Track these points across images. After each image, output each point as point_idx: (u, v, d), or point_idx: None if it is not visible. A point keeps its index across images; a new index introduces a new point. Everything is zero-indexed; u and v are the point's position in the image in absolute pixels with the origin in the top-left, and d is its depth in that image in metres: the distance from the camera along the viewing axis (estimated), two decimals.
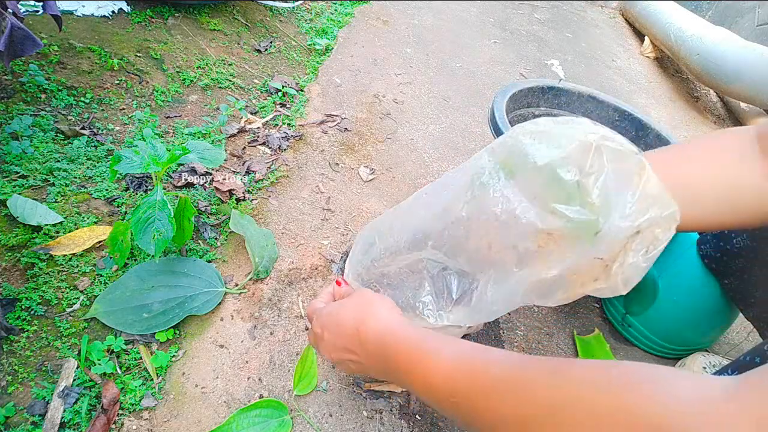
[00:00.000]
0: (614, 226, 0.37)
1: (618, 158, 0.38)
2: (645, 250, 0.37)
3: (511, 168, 0.43)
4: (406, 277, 0.54)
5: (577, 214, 0.39)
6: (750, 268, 0.67)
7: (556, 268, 0.41)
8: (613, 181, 0.38)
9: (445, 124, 1.35)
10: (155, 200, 0.70)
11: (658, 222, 0.36)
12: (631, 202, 0.37)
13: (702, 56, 1.74)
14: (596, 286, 0.39)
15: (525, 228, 0.42)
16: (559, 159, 0.39)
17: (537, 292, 0.43)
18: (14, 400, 0.59)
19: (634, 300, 0.82)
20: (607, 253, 0.38)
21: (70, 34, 1.09)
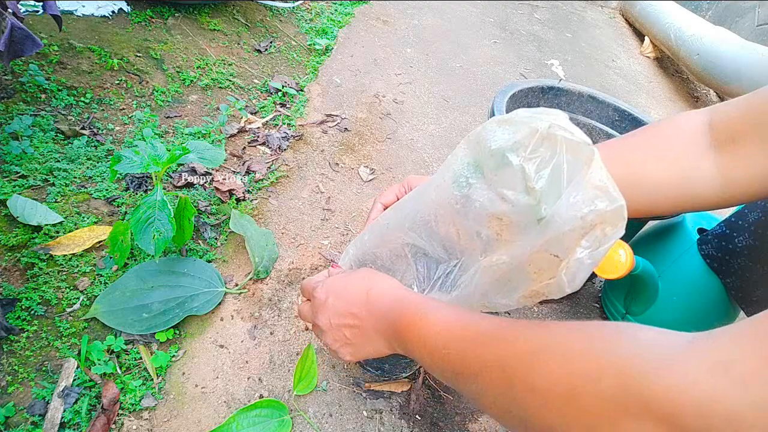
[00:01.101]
0: (558, 214, 0.37)
1: (569, 148, 0.38)
2: (591, 247, 0.37)
3: (476, 154, 0.44)
4: (395, 260, 0.55)
5: (520, 198, 0.39)
6: (752, 267, 0.67)
7: (508, 255, 0.42)
8: (560, 170, 0.38)
9: (445, 124, 1.35)
10: (155, 200, 0.70)
11: (605, 216, 0.36)
12: (576, 191, 0.37)
13: (702, 56, 1.74)
14: (548, 283, 0.40)
15: (478, 212, 0.43)
16: (509, 143, 0.40)
17: (497, 284, 0.44)
18: (14, 400, 0.59)
19: (634, 300, 0.82)
20: (561, 250, 0.38)
21: (70, 34, 1.09)
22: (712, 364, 0.23)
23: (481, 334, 0.36)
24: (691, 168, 0.50)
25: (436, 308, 0.41)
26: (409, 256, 0.53)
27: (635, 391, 0.25)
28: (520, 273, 0.42)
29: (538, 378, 0.30)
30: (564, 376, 0.28)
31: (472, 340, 0.36)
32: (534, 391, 0.30)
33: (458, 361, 0.37)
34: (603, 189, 0.36)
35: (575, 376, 0.28)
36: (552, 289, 0.39)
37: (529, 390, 0.30)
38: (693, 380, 0.23)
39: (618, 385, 0.26)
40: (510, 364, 0.32)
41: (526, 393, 0.30)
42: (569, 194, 0.37)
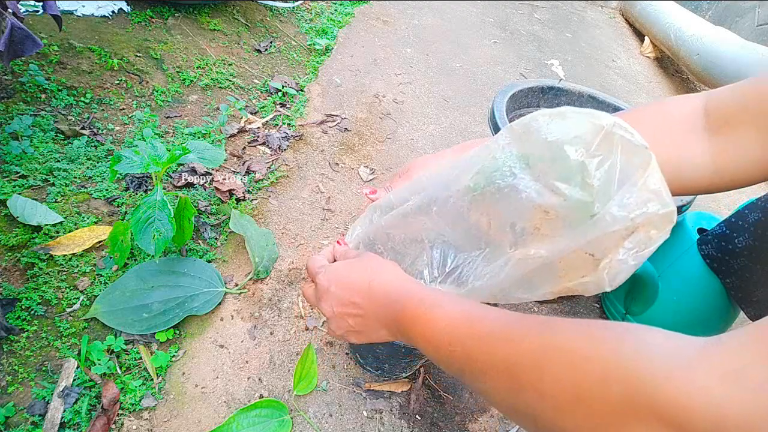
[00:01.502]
0: (609, 213, 0.37)
1: (627, 148, 0.38)
2: (636, 248, 0.37)
3: (524, 145, 0.44)
4: (409, 244, 0.55)
5: (575, 193, 0.39)
6: (752, 268, 0.67)
7: (546, 250, 0.41)
8: (617, 170, 0.38)
9: (445, 124, 1.35)
10: (155, 200, 0.70)
11: (653, 219, 0.36)
12: (630, 193, 0.37)
13: (702, 56, 1.74)
14: (582, 281, 0.39)
15: (523, 203, 0.43)
16: (568, 137, 0.40)
17: (522, 279, 0.44)
18: (14, 400, 0.59)
19: (634, 300, 0.82)
20: (599, 250, 0.38)
21: (70, 34, 1.09)
22: (723, 371, 0.23)
23: (487, 334, 0.36)
24: (685, 149, 0.50)
25: (441, 302, 0.41)
26: (426, 241, 0.53)
27: (644, 396, 0.25)
28: (547, 270, 0.42)
29: (547, 382, 0.30)
30: (571, 380, 0.28)
31: (478, 339, 0.36)
32: (543, 395, 0.30)
33: (464, 359, 0.37)
34: (657, 193, 0.36)
35: (583, 380, 0.28)
36: (589, 287, 0.39)
37: (537, 393, 0.30)
38: (704, 387, 0.23)
39: (626, 390, 0.26)
40: (517, 366, 0.32)
41: (534, 396, 0.30)
42: (623, 195, 0.37)
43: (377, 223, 0.58)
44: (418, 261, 0.53)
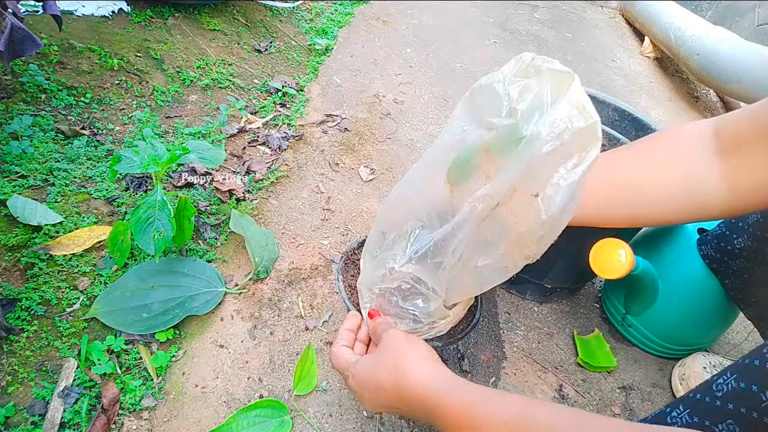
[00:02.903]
0: (537, 134, 0.38)
1: (549, 75, 0.40)
2: (567, 171, 0.38)
3: (469, 102, 0.46)
4: (397, 239, 0.56)
5: (503, 120, 0.41)
6: (751, 269, 0.67)
7: (491, 188, 0.42)
8: (542, 96, 0.39)
9: (445, 124, 1.35)
10: (155, 200, 0.70)
11: (578, 135, 0.37)
12: (553, 111, 0.38)
13: (702, 56, 1.74)
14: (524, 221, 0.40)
15: (471, 152, 0.45)
16: (496, 77, 0.43)
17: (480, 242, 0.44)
18: (14, 400, 0.59)
19: (634, 300, 0.82)
20: (539, 185, 0.39)
21: (70, 34, 1.09)
22: None
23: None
24: (697, 174, 0.50)
25: (486, 416, 0.41)
26: (407, 231, 0.54)
27: None
28: (500, 225, 0.42)
29: None
30: None
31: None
32: None
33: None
34: (579, 107, 0.38)
35: None
36: (532, 222, 0.40)
37: None
38: None
39: None
40: None
41: None
42: (548, 114, 0.38)
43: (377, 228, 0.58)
44: (396, 248, 0.54)
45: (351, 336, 0.57)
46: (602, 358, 0.81)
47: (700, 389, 0.47)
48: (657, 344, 0.83)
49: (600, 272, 0.62)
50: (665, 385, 0.82)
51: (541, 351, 0.82)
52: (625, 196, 0.55)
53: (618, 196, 0.56)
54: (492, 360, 0.79)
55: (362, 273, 0.61)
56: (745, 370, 0.43)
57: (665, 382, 0.82)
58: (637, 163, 0.55)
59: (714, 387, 0.45)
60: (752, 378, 0.41)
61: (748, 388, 0.41)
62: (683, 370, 0.79)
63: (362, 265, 0.62)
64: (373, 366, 0.49)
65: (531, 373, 0.78)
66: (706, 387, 0.46)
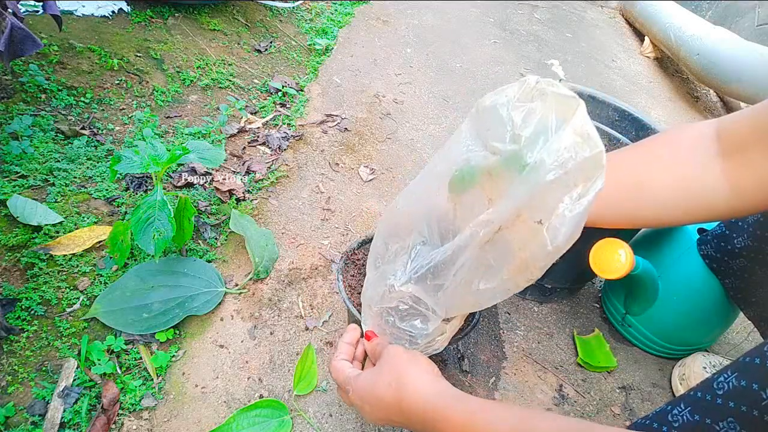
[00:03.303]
0: (541, 162, 0.38)
1: (553, 100, 0.39)
2: (573, 202, 0.37)
3: (475, 121, 0.46)
4: (399, 251, 0.55)
5: (506, 146, 0.41)
6: (751, 268, 0.67)
7: (492, 213, 0.42)
8: (546, 122, 0.39)
9: (445, 125, 1.35)
10: (155, 200, 0.70)
11: (583, 164, 0.37)
12: (558, 139, 0.38)
13: (702, 56, 1.74)
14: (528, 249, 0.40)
15: (474, 174, 0.44)
16: (501, 99, 0.42)
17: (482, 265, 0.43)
18: (14, 400, 0.59)
19: (634, 300, 0.82)
20: (544, 213, 0.38)
21: (70, 34, 1.09)
22: None
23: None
24: (699, 175, 0.50)
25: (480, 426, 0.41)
26: (409, 245, 0.53)
27: None
28: (503, 250, 0.42)
29: None
30: None
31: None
32: None
33: None
34: (584, 136, 0.37)
35: None
36: (536, 252, 0.39)
37: None
38: None
39: None
40: None
41: None
42: (552, 142, 0.38)
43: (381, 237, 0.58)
44: (398, 262, 0.54)
45: (350, 350, 0.57)
46: (602, 358, 0.81)
47: (701, 387, 0.47)
48: (657, 344, 0.83)
49: (600, 272, 0.62)
50: (665, 385, 0.82)
51: (541, 351, 0.82)
52: (627, 198, 0.56)
53: (620, 197, 0.56)
54: (492, 360, 0.79)
55: (365, 284, 0.61)
56: (746, 369, 0.43)
57: (665, 382, 0.82)
58: (638, 165, 0.55)
59: (714, 385, 0.45)
60: (753, 376, 0.41)
61: (749, 386, 0.41)
62: (683, 370, 0.79)
63: (367, 274, 0.62)
64: (374, 380, 0.49)
65: (531, 373, 0.78)
66: (707, 385, 0.46)
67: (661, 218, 0.55)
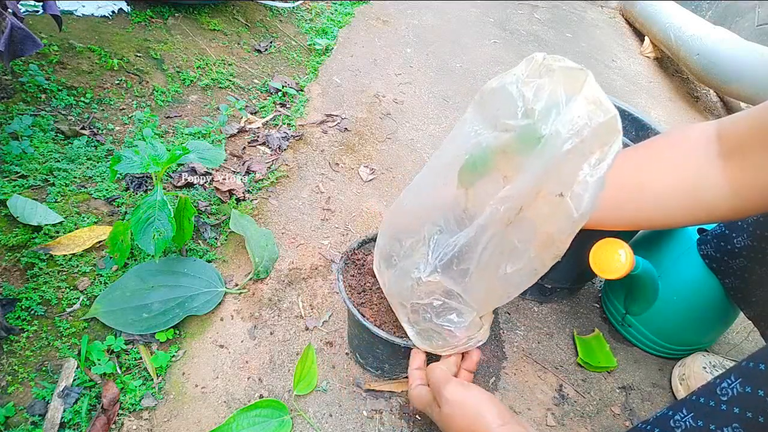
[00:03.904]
0: (556, 132, 0.38)
1: (562, 73, 0.40)
2: (592, 168, 0.38)
3: (481, 106, 0.46)
4: (415, 246, 0.55)
5: (520, 122, 0.41)
6: (751, 268, 0.67)
7: (514, 189, 0.42)
8: (557, 95, 0.39)
9: (445, 124, 1.35)
10: (155, 200, 0.70)
11: (598, 130, 0.37)
12: (570, 108, 0.38)
13: (702, 56, 1.74)
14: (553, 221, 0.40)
15: (487, 155, 0.45)
16: (508, 79, 0.43)
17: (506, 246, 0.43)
18: (14, 400, 0.59)
19: (634, 300, 0.82)
20: (564, 186, 0.39)
21: (70, 34, 1.09)
22: None
23: None
24: (700, 177, 0.50)
25: None
26: (425, 236, 0.53)
27: None
28: (527, 229, 0.42)
29: None
30: None
31: None
32: None
33: None
34: (596, 102, 0.38)
35: None
36: (562, 223, 0.39)
37: None
38: None
39: None
40: None
41: None
42: (565, 112, 0.38)
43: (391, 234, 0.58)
44: (419, 255, 0.54)
45: (422, 374, 0.58)
46: (602, 358, 0.81)
47: (704, 393, 0.46)
48: (657, 344, 0.83)
49: (600, 272, 0.62)
50: (665, 385, 0.82)
51: (541, 351, 0.82)
52: (629, 199, 0.56)
53: (621, 198, 0.56)
54: (492, 360, 0.79)
55: (383, 283, 0.61)
56: (751, 374, 0.43)
57: (665, 382, 0.82)
58: (639, 166, 0.55)
59: (718, 390, 0.45)
60: (758, 382, 0.41)
61: (754, 393, 0.41)
62: (683, 370, 0.79)
63: (378, 274, 0.62)
64: (450, 418, 0.50)
65: (531, 373, 0.78)
66: (710, 390, 0.46)
67: (662, 220, 0.55)
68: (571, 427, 0.72)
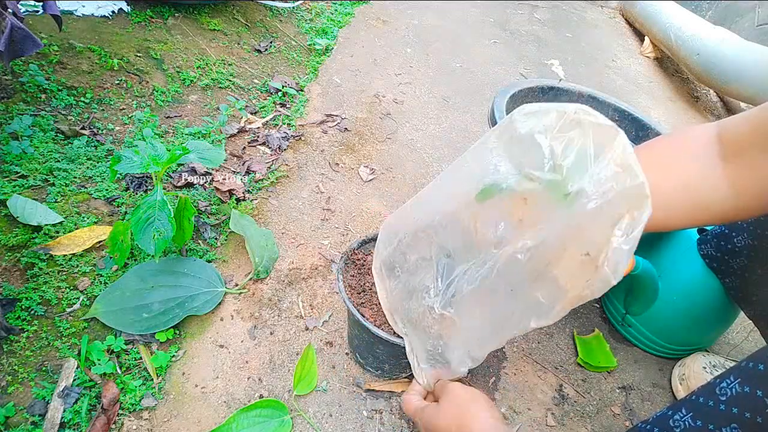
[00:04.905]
0: (582, 191, 0.38)
1: (595, 130, 0.39)
2: (625, 233, 0.37)
3: (505, 143, 0.46)
4: (420, 263, 0.56)
5: (547, 176, 0.41)
6: (751, 267, 0.67)
7: (531, 239, 0.42)
8: (586, 151, 0.39)
9: (445, 124, 1.35)
10: (155, 200, 0.70)
11: (625, 194, 0.37)
12: (599, 169, 0.38)
13: (702, 56, 1.74)
14: (588, 284, 0.39)
15: (504, 197, 0.44)
16: (538, 127, 0.42)
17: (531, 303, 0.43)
18: (14, 400, 0.59)
19: (635, 300, 0.82)
20: (592, 247, 0.38)
21: (70, 34, 1.09)
22: None
23: None
24: (701, 178, 0.50)
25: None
26: (432, 258, 0.54)
27: None
28: (551, 286, 0.42)
29: None
30: None
31: None
32: None
33: None
34: (625, 166, 0.37)
35: None
36: (596, 286, 0.39)
37: None
38: None
39: None
40: None
41: None
42: (593, 171, 0.38)
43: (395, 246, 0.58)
44: (427, 277, 0.54)
45: (421, 388, 0.60)
46: (602, 358, 0.81)
47: (703, 393, 0.47)
48: (657, 344, 0.83)
49: None
50: (665, 385, 0.82)
51: (541, 351, 0.82)
52: None
53: None
54: (492, 360, 0.79)
55: (383, 290, 0.61)
56: (750, 375, 0.43)
57: (665, 382, 0.82)
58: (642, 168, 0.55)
59: (717, 390, 0.45)
60: (757, 383, 0.41)
61: (753, 393, 0.41)
62: (683, 370, 0.79)
63: (378, 277, 0.62)
64: (437, 415, 0.52)
65: (531, 373, 0.78)
66: (710, 390, 0.46)
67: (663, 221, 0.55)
68: (571, 427, 0.72)
